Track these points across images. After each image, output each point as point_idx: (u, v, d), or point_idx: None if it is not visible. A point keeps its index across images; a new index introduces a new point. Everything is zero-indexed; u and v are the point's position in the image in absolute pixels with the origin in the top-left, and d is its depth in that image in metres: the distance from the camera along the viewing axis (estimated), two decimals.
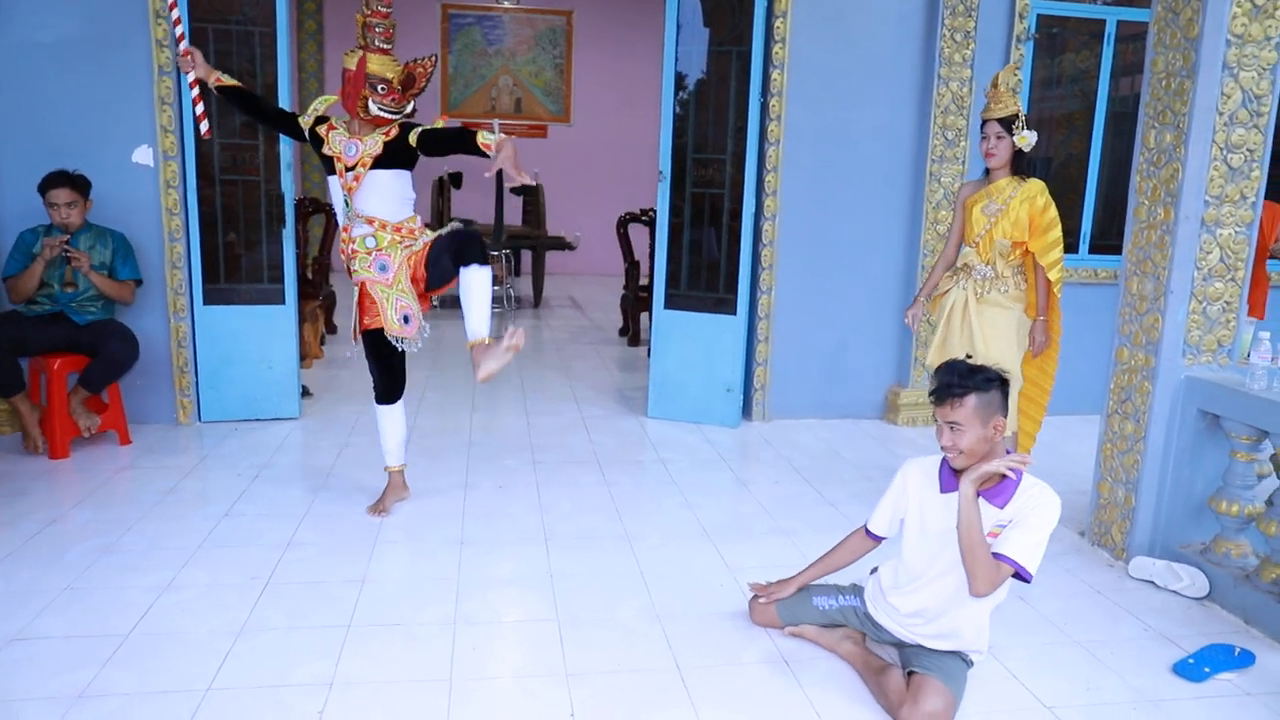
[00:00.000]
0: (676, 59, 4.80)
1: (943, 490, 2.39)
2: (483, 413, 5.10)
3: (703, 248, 5.03)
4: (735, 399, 4.94)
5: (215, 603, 2.81)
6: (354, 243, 3.35)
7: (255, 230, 4.65)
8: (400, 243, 3.34)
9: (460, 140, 3.22)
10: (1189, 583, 3.08)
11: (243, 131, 4.56)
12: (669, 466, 4.30)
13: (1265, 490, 3.14)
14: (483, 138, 3.13)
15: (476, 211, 9.70)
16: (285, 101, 4.45)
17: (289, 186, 4.55)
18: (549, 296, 9.70)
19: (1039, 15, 4.99)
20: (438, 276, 3.32)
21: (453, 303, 9.01)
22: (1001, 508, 2.29)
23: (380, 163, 3.28)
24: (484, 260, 3.22)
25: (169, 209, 4.39)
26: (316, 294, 6.41)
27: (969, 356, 2.44)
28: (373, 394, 3.54)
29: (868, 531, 2.61)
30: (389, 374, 3.52)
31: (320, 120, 3.37)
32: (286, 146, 4.52)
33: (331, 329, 7.08)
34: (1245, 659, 2.63)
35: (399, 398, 3.55)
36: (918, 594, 2.43)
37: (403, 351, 3.45)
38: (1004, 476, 2.31)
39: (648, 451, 4.53)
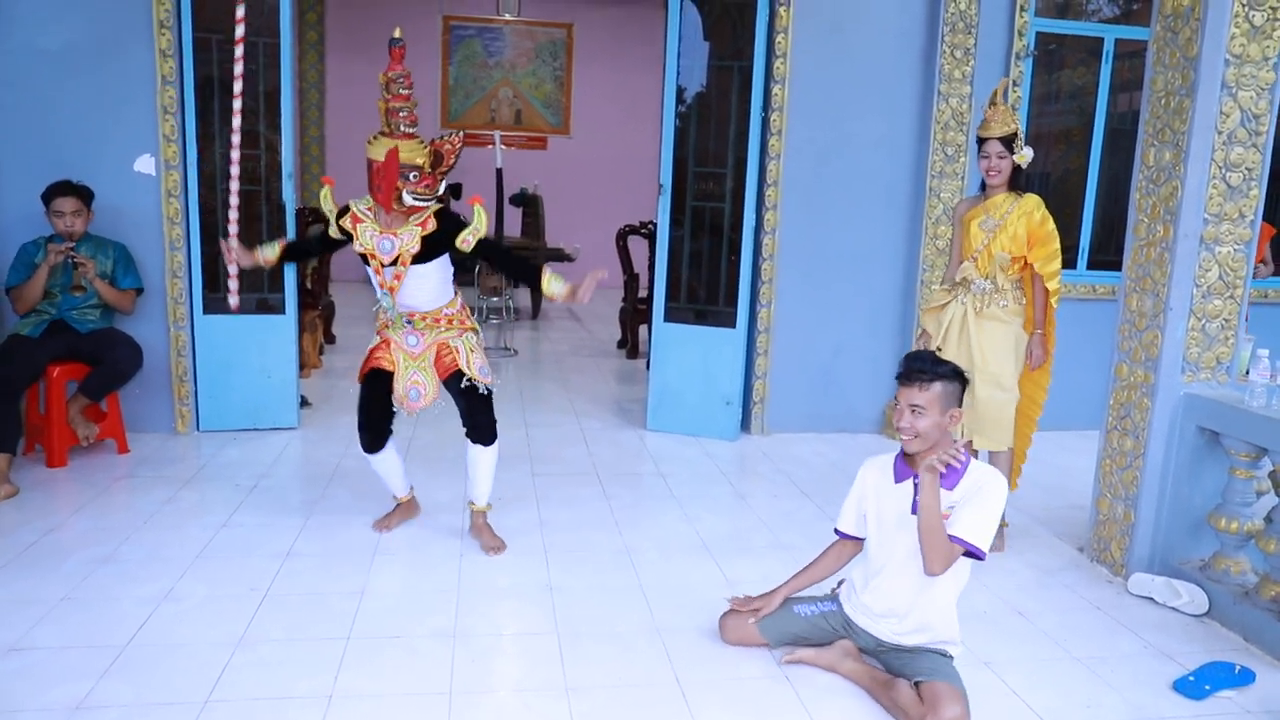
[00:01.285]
0: (678, 73, 4.83)
1: (897, 480, 2.52)
2: None
3: (702, 261, 5.04)
4: (734, 412, 4.94)
5: (214, 614, 2.80)
6: (389, 314, 3.26)
7: (256, 240, 4.64)
8: (437, 326, 3.25)
9: (524, 274, 3.28)
10: (1188, 599, 3.08)
11: (244, 141, 4.55)
12: (668, 480, 4.29)
13: (1264, 507, 3.14)
14: (549, 287, 3.14)
15: None
16: (287, 110, 4.46)
17: (290, 196, 4.56)
18: (547, 309, 9.71)
19: (1038, 32, 5.02)
20: (451, 391, 3.30)
21: None
22: (950, 489, 2.41)
23: (418, 258, 3.12)
24: (489, 441, 3.31)
25: (170, 218, 4.39)
26: (316, 304, 6.41)
27: (939, 349, 2.58)
28: (362, 443, 3.39)
29: (839, 534, 2.68)
30: (380, 423, 3.35)
31: (342, 212, 3.20)
32: (288, 156, 4.53)
33: (330, 339, 7.08)
34: (1245, 677, 2.63)
35: (385, 446, 3.39)
36: (882, 588, 2.52)
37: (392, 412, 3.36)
38: (949, 464, 2.40)
39: (647, 464, 4.53)
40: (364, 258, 3.18)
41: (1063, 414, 5.08)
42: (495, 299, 7.56)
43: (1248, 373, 3.10)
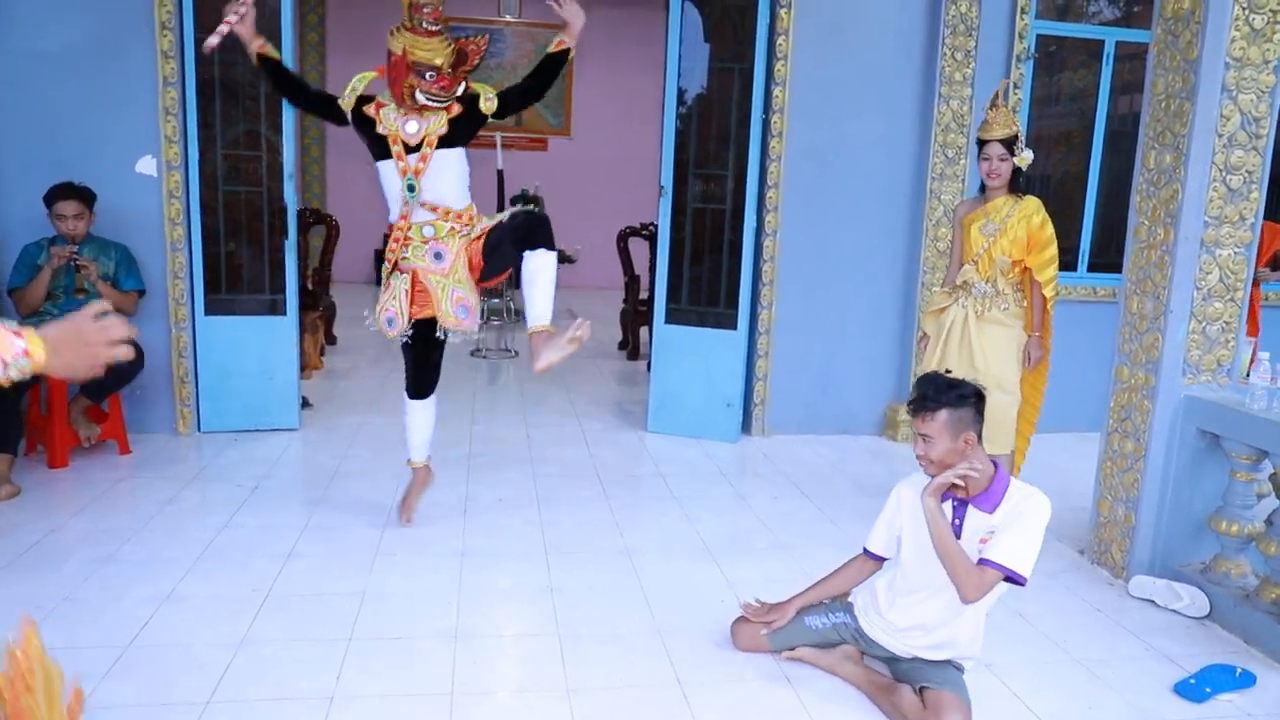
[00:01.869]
0: (679, 74, 4.83)
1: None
2: (483, 425, 5.09)
3: (703, 262, 5.04)
4: (735, 414, 4.94)
5: (215, 615, 2.80)
6: (409, 229, 3.15)
7: (257, 241, 4.66)
8: (459, 231, 3.17)
9: (543, 75, 3.18)
10: (1189, 602, 3.08)
11: (245, 142, 4.58)
12: (669, 481, 4.29)
13: (1265, 510, 3.14)
14: (557, 43, 3.13)
15: None
16: (289, 111, 4.47)
17: (291, 197, 4.56)
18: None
19: (1038, 35, 5.03)
20: (497, 264, 3.17)
21: None
22: (990, 513, 2.34)
23: (444, 141, 3.08)
24: (552, 245, 3.08)
25: (171, 219, 4.40)
26: (316, 305, 6.42)
27: (948, 371, 2.51)
28: (402, 391, 3.39)
29: (867, 552, 2.62)
30: (426, 368, 3.37)
31: (363, 100, 3.16)
32: (290, 157, 4.53)
33: (332, 340, 7.09)
34: (1246, 679, 2.63)
35: (432, 393, 3.42)
36: (917, 608, 2.45)
37: (443, 345, 3.31)
38: (989, 485, 2.35)
39: (647, 465, 4.53)
40: (382, 152, 3.11)
41: (1063, 416, 5.09)
42: (496, 300, 7.56)
43: (1248, 375, 3.10)
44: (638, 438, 4.98)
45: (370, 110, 3.14)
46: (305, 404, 5.05)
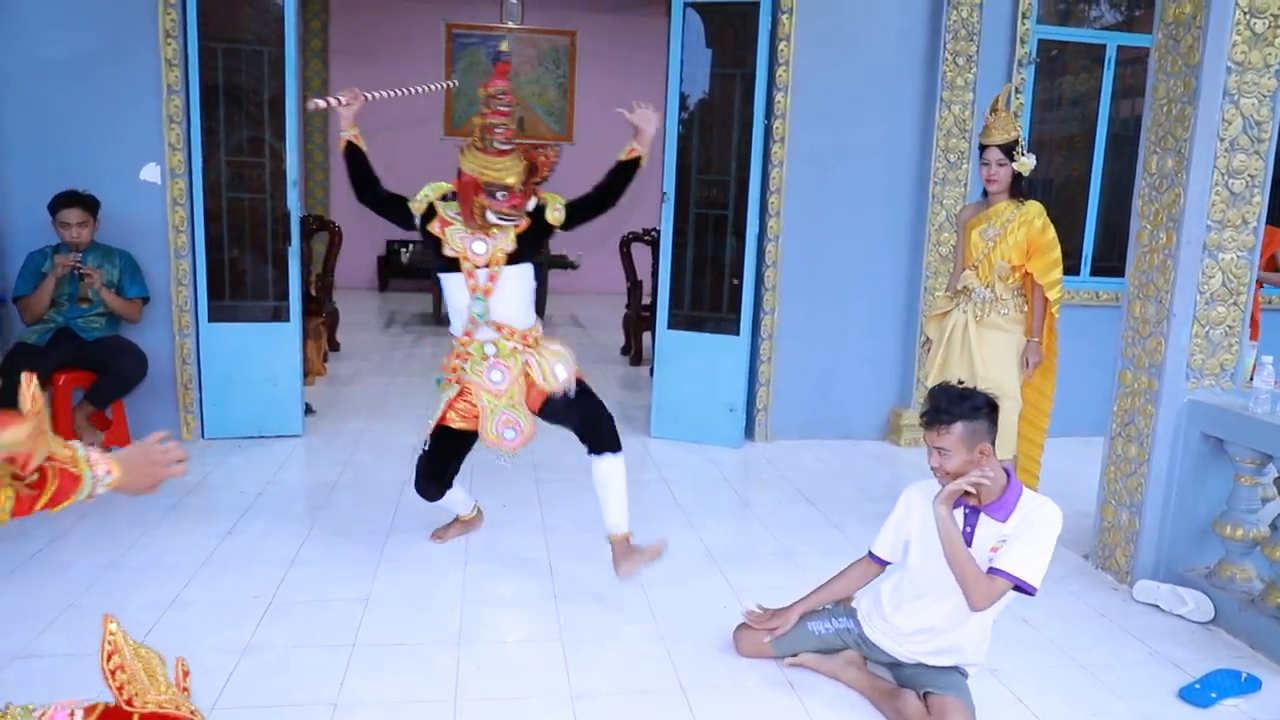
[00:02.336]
0: (681, 80, 4.84)
1: None
2: None
3: (706, 268, 5.05)
4: (738, 419, 4.94)
5: (219, 621, 2.81)
6: (470, 344, 3.06)
7: (260, 247, 4.67)
8: (520, 352, 3.06)
9: (614, 183, 3.10)
10: (1194, 607, 3.07)
11: (249, 149, 4.60)
12: (672, 487, 4.29)
13: (1269, 514, 3.14)
14: (628, 151, 3.06)
15: None
16: (292, 118, 4.48)
17: (294, 204, 4.57)
18: (551, 314, 9.71)
19: (1040, 40, 5.03)
20: (554, 420, 3.14)
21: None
22: (1003, 521, 2.33)
23: (512, 258, 3.01)
24: (618, 448, 3.05)
25: (175, 226, 4.41)
26: (320, 311, 6.43)
27: (960, 382, 2.48)
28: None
29: (872, 556, 2.62)
30: (444, 474, 3.24)
31: (429, 212, 3.05)
32: (293, 164, 4.54)
33: (335, 346, 7.09)
34: (1251, 684, 2.63)
35: (440, 496, 3.28)
36: (924, 612, 2.45)
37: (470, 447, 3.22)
38: (1002, 493, 2.34)
39: (650, 471, 4.53)
40: (447, 266, 3.03)
41: (1065, 420, 5.07)
42: None
43: (1251, 379, 3.10)
44: (640, 443, 4.98)
45: (435, 229, 3.04)
46: (308, 410, 5.05)
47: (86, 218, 4.07)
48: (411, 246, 9.77)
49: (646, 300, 6.47)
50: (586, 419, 3.10)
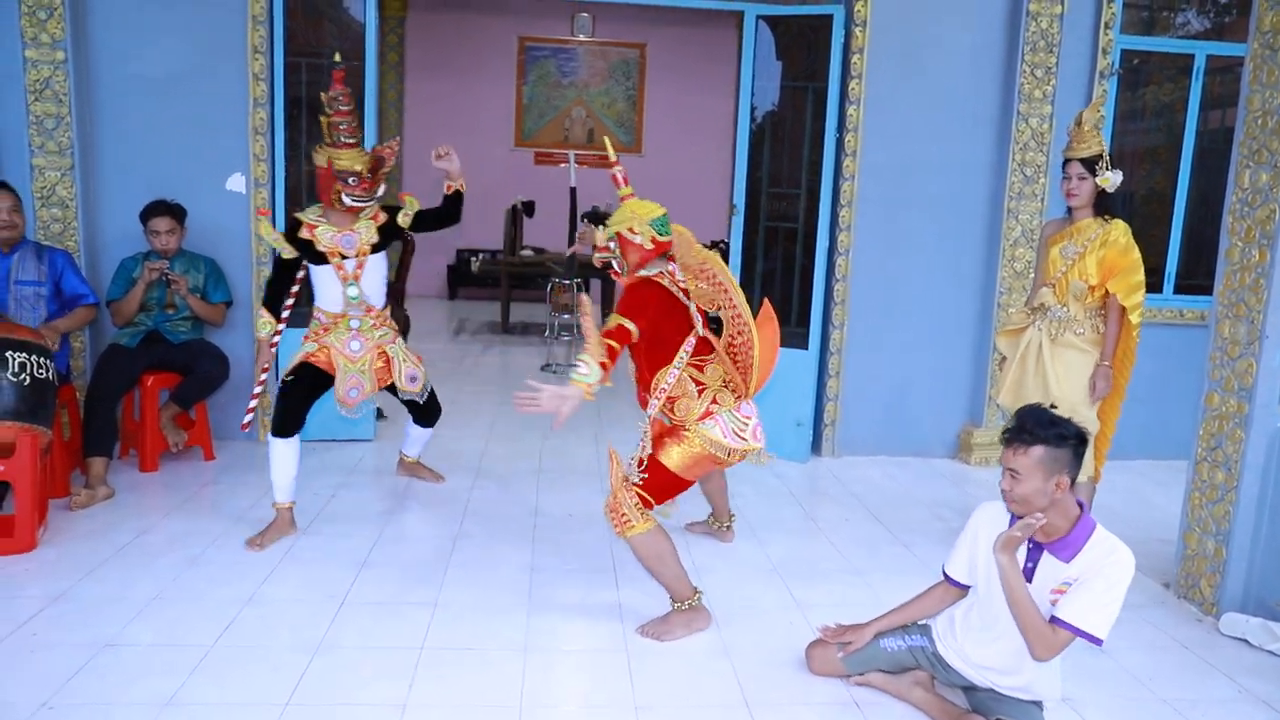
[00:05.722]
0: (752, 93, 4.83)
1: None
2: (554, 440, 5.13)
3: (775, 281, 5.02)
4: (805, 434, 4.90)
5: (294, 619, 2.88)
6: (341, 321, 3.65)
7: None
8: (376, 327, 3.72)
9: (450, 209, 3.77)
10: None
11: None
12: (738, 500, 4.25)
13: None
14: (447, 186, 3.74)
15: (548, 238, 9.84)
16: (370, 129, 4.58)
17: None
18: None
19: (1123, 50, 4.90)
20: (397, 397, 3.90)
21: (523, 330, 9.14)
22: (1068, 562, 2.24)
23: (375, 249, 3.64)
24: (434, 423, 4.16)
25: (257, 234, 4.56)
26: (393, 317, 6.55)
27: (1053, 406, 2.36)
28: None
29: (948, 579, 2.55)
30: (300, 411, 3.57)
31: (294, 226, 3.59)
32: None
33: None
34: None
35: (298, 432, 3.55)
36: (988, 647, 2.39)
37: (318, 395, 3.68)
38: (1070, 530, 2.24)
39: None
40: (316, 260, 3.58)
41: (1145, 443, 4.92)
42: (566, 315, 7.64)
43: None
44: None
45: (305, 234, 3.58)
46: (380, 415, 5.17)
47: (174, 226, 4.24)
48: (481, 256, 9.92)
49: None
50: (426, 408, 4.01)
